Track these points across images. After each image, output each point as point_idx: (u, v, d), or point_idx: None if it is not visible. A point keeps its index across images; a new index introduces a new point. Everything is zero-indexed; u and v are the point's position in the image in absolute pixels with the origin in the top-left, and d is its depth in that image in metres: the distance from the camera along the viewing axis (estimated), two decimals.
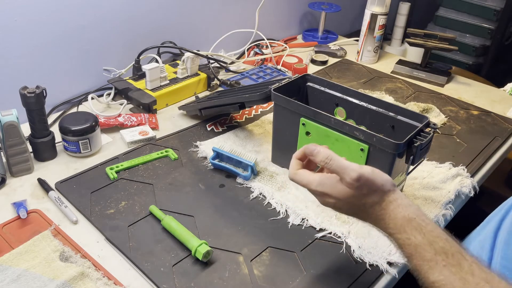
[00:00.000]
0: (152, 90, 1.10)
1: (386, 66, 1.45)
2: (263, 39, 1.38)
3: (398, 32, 1.69)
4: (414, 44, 1.35)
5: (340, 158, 0.59)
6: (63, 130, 0.89)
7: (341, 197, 0.58)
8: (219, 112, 1.05)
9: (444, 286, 0.51)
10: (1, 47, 0.95)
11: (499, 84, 1.40)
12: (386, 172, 0.74)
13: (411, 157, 0.74)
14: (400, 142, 0.71)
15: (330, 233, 0.76)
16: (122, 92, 1.11)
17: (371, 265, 0.71)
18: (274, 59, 1.38)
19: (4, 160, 0.85)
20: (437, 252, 0.52)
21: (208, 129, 1.04)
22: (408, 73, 1.37)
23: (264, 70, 1.33)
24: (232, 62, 1.34)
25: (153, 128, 1.02)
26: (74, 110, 1.08)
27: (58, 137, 0.92)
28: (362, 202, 0.58)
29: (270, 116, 1.09)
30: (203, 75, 1.19)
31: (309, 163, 0.65)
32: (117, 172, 0.87)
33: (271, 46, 1.40)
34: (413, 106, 1.18)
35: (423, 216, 0.56)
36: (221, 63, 1.30)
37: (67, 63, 1.07)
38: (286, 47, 1.44)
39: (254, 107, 1.13)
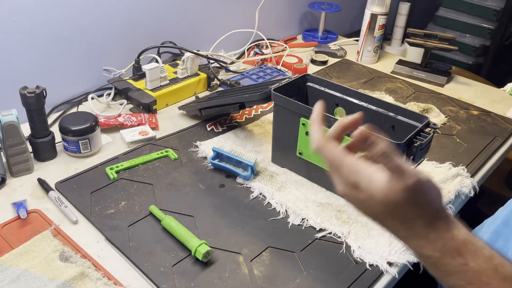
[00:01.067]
0: (152, 90, 1.10)
1: (386, 66, 1.45)
2: (263, 39, 1.38)
3: (398, 32, 1.69)
4: (414, 44, 1.35)
5: (396, 156, 0.45)
6: (63, 130, 0.89)
7: (379, 198, 0.45)
8: (219, 112, 1.04)
9: None
10: (1, 47, 0.95)
11: (499, 84, 1.40)
12: None
13: (411, 157, 0.74)
14: (400, 142, 0.71)
15: (330, 233, 0.76)
16: (122, 92, 1.11)
17: (371, 265, 0.71)
18: (274, 59, 1.38)
19: (4, 160, 0.85)
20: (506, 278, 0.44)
21: (208, 129, 1.04)
22: (408, 73, 1.37)
23: (264, 70, 1.32)
24: (232, 62, 1.34)
25: (153, 128, 1.02)
26: (74, 110, 1.08)
27: (58, 137, 0.92)
28: (409, 210, 0.46)
29: (270, 116, 1.09)
30: (203, 75, 1.19)
31: None
32: (117, 172, 0.87)
33: (271, 46, 1.40)
34: (413, 106, 1.18)
35: (476, 237, 0.47)
36: (221, 63, 1.30)
37: (67, 63, 1.07)
38: (286, 47, 1.44)
39: (254, 107, 1.13)
